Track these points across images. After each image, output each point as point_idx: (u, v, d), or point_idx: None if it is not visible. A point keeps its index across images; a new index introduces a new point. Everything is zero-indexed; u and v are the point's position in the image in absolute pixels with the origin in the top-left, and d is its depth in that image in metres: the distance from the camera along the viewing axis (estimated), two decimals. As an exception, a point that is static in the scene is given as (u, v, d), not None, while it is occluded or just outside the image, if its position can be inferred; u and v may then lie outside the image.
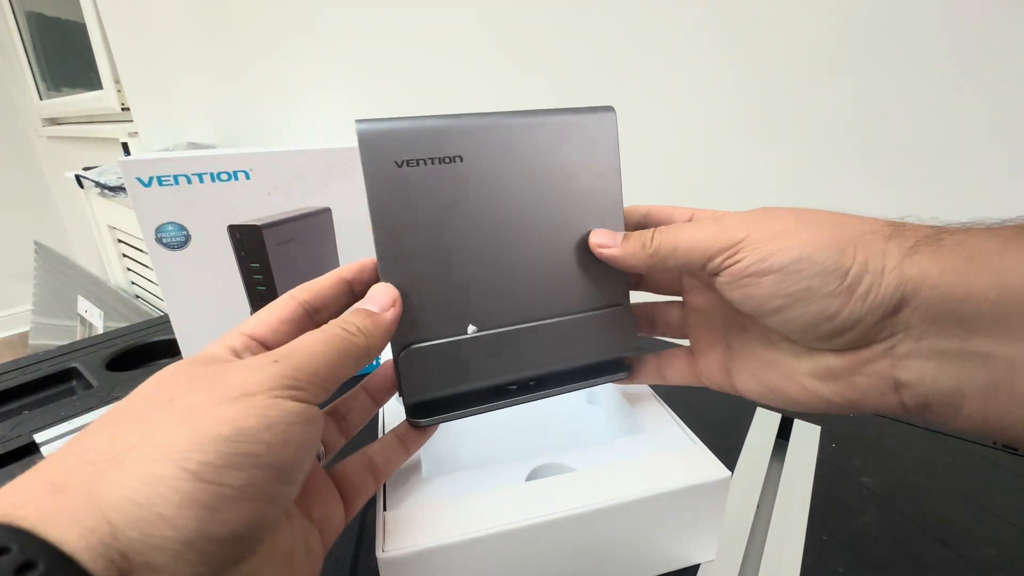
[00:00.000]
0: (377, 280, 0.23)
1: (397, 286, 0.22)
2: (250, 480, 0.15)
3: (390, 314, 0.21)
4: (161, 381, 0.17)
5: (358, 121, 0.22)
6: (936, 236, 0.18)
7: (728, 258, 0.20)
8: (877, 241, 0.18)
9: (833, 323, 0.19)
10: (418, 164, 0.22)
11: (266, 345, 0.20)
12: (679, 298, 0.28)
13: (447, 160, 0.22)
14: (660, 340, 0.31)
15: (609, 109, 0.24)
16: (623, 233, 0.24)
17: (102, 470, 0.14)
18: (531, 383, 0.25)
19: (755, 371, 0.23)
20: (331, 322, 0.20)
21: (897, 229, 0.19)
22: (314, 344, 0.19)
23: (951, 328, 0.17)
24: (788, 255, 0.19)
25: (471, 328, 0.23)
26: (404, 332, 0.23)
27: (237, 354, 0.19)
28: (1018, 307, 0.16)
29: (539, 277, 0.24)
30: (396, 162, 0.22)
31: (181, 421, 0.15)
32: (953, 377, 0.18)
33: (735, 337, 0.24)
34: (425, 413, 0.24)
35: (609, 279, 0.25)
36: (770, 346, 0.22)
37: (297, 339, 0.19)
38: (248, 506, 0.15)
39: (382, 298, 0.22)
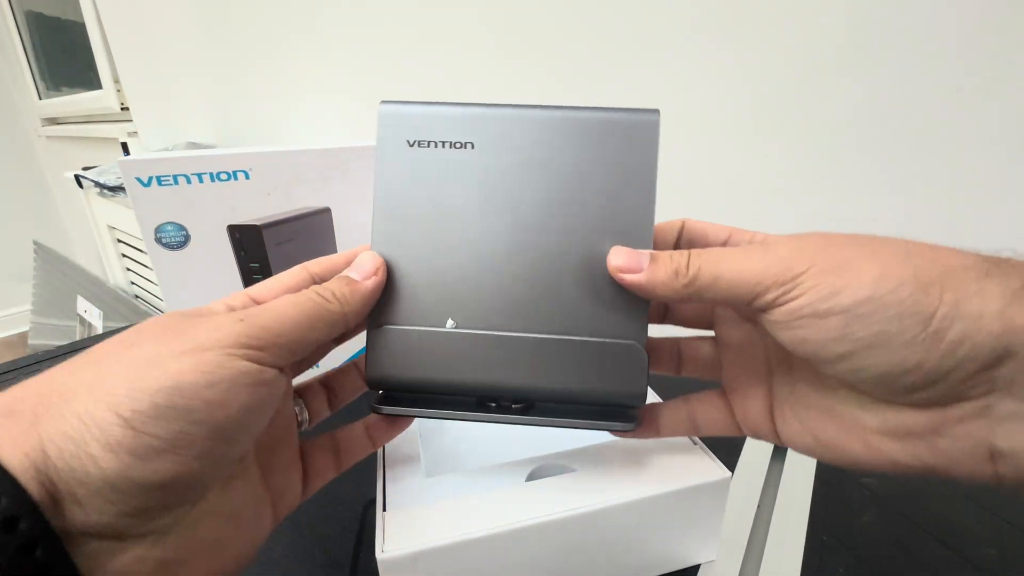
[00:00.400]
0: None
1: (386, 260, 0.22)
2: (181, 434, 0.15)
3: (370, 283, 0.21)
4: (139, 328, 0.17)
5: (383, 102, 0.22)
6: None
7: (784, 294, 0.17)
8: (971, 279, 0.15)
9: (912, 377, 0.15)
10: (428, 146, 0.22)
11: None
12: (710, 332, 0.24)
13: (457, 145, 0.22)
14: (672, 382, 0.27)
15: (653, 112, 0.21)
16: (650, 253, 0.20)
17: (51, 402, 0.15)
18: (514, 404, 0.23)
19: (806, 421, 0.19)
20: (310, 287, 0.20)
21: (997, 265, 0.15)
22: (285, 306, 0.19)
23: None
24: (858, 293, 0.15)
25: (449, 322, 0.22)
26: (382, 310, 0.22)
27: (233, 312, 0.19)
28: None
29: (540, 287, 0.22)
30: (408, 141, 0.22)
31: (130, 367, 0.15)
32: None
33: (780, 379, 0.21)
34: (392, 403, 0.23)
35: (625, 306, 0.21)
36: (826, 392, 0.19)
37: (271, 301, 0.19)
38: (176, 458, 0.15)
39: (364, 266, 0.22)
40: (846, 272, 0.16)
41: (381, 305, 0.22)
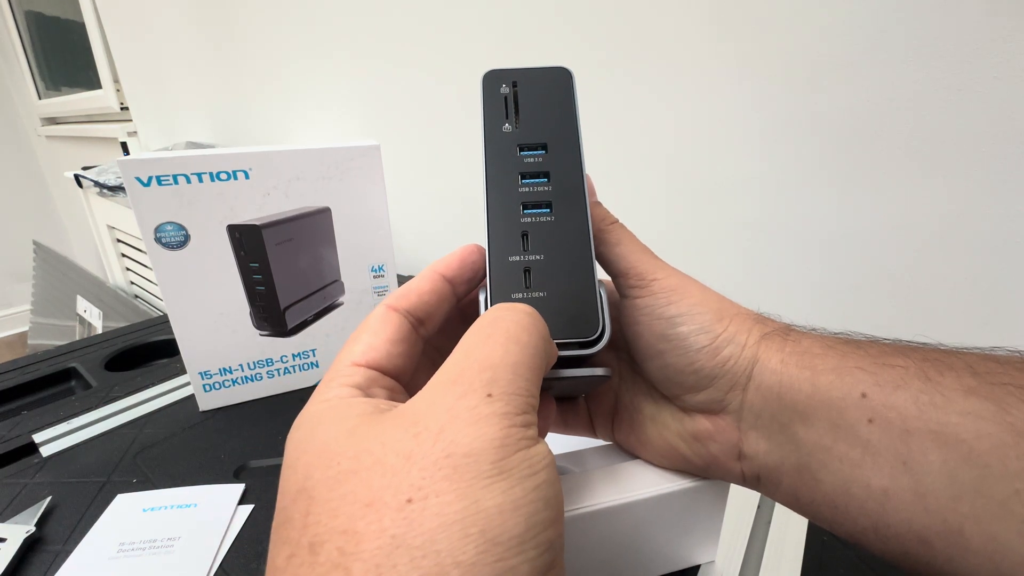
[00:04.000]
0: (481, 277, 0.21)
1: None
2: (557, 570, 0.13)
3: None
4: (356, 472, 0.13)
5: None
6: (785, 331, 0.21)
7: (639, 287, 0.22)
8: (747, 320, 0.21)
9: (697, 376, 0.21)
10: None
11: (384, 372, 0.17)
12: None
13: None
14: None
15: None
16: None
17: None
18: None
19: (635, 423, 0.24)
20: (493, 312, 0.17)
21: (760, 317, 0.22)
22: (507, 348, 0.15)
23: (778, 410, 0.20)
24: (681, 308, 0.21)
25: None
26: None
27: (366, 393, 0.16)
28: (823, 402, 0.18)
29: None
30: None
31: (457, 529, 0.12)
32: (776, 455, 0.20)
33: (624, 390, 0.25)
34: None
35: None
36: (652, 402, 0.24)
37: (471, 346, 0.15)
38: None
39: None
40: (679, 292, 0.21)
41: None
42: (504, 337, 0.15)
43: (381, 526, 0.12)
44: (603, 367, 0.21)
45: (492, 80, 0.23)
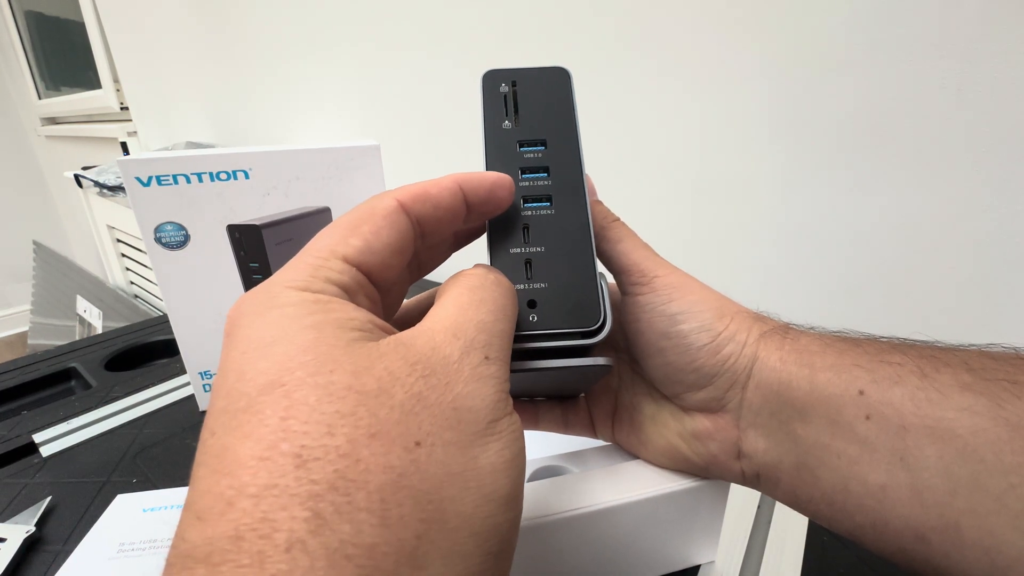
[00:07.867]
0: (498, 214, 0.20)
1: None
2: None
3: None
4: (360, 393, 0.12)
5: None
6: (784, 330, 0.21)
7: (641, 284, 0.22)
8: (747, 319, 0.21)
9: (697, 374, 0.21)
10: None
11: (372, 279, 0.16)
12: None
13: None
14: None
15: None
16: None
17: None
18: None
19: (636, 423, 0.25)
20: (480, 277, 0.17)
21: (759, 316, 0.22)
22: (496, 316, 0.16)
23: (777, 408, 0.20)
24: (682, 305, 0.21)
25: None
26: None
27: (349, 293, 0.15)
28: (821, 399, 0.19)
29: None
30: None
31: (459, 482, 0.12)
32: (775, 453, 0.20)
33: (624, 392, 0.25)
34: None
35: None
36: (652, 403, 0.24)
37: (465, 304, 0.15)
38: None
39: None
40: (680, 290, 0.21)
41: None
42: (494, 305, 0.16)
43: (388, 462, 0.11)
44: (605, 357, 0.21)
45: (491, 80, 0.23)
